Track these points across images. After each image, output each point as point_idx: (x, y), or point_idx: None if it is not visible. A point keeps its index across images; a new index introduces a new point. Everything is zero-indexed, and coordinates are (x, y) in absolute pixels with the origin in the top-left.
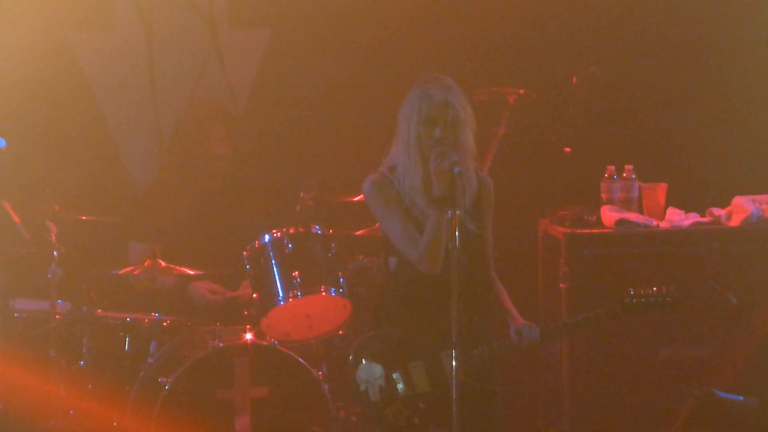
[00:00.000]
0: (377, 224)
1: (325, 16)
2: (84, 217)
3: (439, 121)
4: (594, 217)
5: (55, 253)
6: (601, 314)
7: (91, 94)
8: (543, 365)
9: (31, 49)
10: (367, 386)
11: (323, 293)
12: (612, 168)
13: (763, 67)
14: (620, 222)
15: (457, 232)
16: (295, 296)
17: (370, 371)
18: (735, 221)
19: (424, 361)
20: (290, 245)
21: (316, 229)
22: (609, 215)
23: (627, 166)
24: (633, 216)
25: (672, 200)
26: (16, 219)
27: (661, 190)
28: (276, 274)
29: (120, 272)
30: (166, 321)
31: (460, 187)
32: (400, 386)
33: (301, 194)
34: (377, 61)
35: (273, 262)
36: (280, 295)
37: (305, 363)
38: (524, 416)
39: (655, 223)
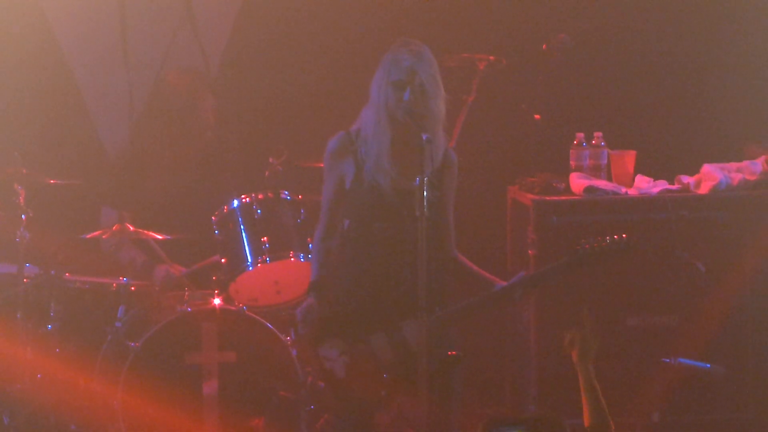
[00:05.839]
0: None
1: None
2: (53, 181)
3: (408, 84)
4: (563, 184)
5: (23, 216)
6: (558, 267)
7: (62, 57)
8: (510, 335)
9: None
10: (332, 364)
11: (292, 259)
12: (581, 135)
13: (733, 35)
14: (589, 189)
15: (425, 201)
16: (263, 261)
17: (332, 349)
18: (704, 189)
19: (385, 331)
20: (259, 211)
21: (285, 194)
22: (578, 182)
23: (596, 134)
24: (602, 183)
25: (641, 168)
26: None
27: (629, 157)
28: (244, 239)
29: (88, 236)
30: (134, 285)
31: (428, 154)
32: (364, 360)
33: (271, 159)
34: (349, 26)
35: (241, 227)
36: (249, 260)
37: (273, 328)
38: (492, 386)
39: (623, 190)
